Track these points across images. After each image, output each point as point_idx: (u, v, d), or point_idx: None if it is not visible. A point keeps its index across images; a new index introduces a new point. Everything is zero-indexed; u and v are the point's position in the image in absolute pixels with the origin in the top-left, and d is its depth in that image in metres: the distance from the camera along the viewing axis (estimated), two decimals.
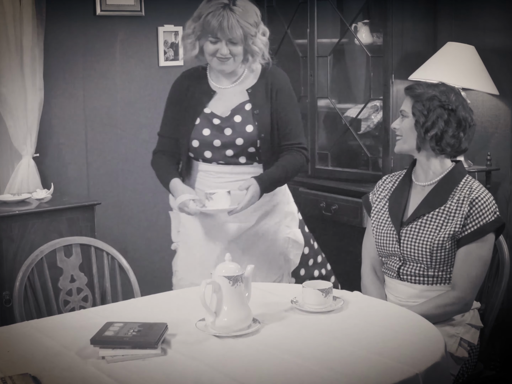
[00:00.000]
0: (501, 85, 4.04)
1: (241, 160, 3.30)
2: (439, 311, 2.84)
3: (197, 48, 3.25)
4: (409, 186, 3.02)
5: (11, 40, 4.21)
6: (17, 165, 4.36)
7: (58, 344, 2.38)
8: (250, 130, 3.27)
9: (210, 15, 3.16)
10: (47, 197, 4.16)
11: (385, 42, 4.19)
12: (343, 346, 2.34)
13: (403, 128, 2.93)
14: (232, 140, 3.27)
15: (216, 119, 3.30)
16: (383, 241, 3.01)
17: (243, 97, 3.32)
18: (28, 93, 4.30)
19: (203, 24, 3.18)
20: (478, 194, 2.86)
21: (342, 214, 4.35)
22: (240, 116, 3.29)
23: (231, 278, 2.44)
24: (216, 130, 3.28)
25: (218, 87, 3.35)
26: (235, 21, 3.16)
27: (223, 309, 2.44)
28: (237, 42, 3.20)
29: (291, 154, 3.32)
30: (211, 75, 3.38)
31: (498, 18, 4.11)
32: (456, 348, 2.85)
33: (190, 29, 3.24)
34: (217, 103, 3.33)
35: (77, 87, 4.62)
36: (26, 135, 4.32)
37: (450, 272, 2.90)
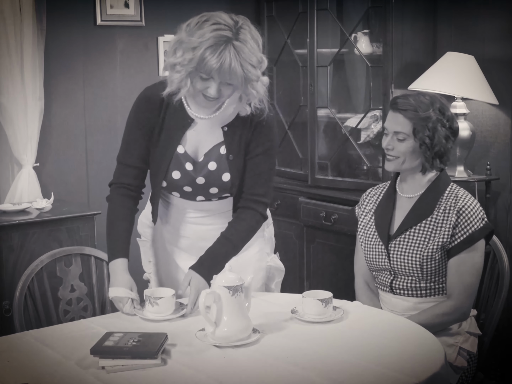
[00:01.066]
0: (500, 95, 4.05)
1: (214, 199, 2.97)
2: (437, 321, 2.84)
3: (188, 86, 2.71)
4: (394, 198, 3.00)
5: (12, 50, 4.22)
6: (17, 175, 4.37)
7: (58, 354, 2.38)
8: (227, 180, 2.89)
9: (209, 52, 2.62)
10: (47, 207, 4.16)
11: (385, 52, 4.20)
12: (343, 356, 2.34)
13: (403, 150, 2.87)
14: (206, 189, 2.91)
15: (188, 163, 2.88)
16: (372, 256, 3.00)
17: (218, 136, 2.89)
18: (28, 103, 4.31)
19: (199, 61, 2.64)
20: (465, 203, 2.85)
21: (342, 223, 4.35)
22: (215, 163, 2.88)
23: (231, 288, 2.44)
24: (188, 177, 2.88)
25: (196, 116, 2.87)
26: (238, 64, 2.65)
27: (223, 319, 2.44)
28: (232, 84, 2.72)
29: (244, 216, 2.92)
30: (189, 99, 2.87)
31: (497, 28, 4.12)
32: (455, 357, 2.85)
33: (179, 59, 2.69)
34: (192, 137, 2.89)
35: (77, 97, 4.63)
36: (26, 145, 4.32)
37: (443, 283, 2.90)
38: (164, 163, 2.88)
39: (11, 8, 4.18)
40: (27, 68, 4.27)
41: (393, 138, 2.90)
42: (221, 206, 2.98)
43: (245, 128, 2.89)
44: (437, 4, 4.37)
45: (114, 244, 2.90)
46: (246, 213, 2.92)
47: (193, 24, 2.70)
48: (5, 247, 3.93)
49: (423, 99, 2.87)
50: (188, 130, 2.88)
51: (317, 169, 4.64)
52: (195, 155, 2.89)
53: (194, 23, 2.70)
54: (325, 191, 4.55)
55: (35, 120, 4.34)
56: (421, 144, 2.85)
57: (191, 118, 2.87)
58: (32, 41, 4.26)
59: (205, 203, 2.95)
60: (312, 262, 4.61)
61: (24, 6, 4.21)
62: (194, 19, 2.72)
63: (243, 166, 2.91)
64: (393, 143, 2.89)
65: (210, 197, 2.94)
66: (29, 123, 4.32)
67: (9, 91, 4.26)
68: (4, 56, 4.22)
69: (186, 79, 2.70)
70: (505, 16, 4.07)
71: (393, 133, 2.89)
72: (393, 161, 2.92)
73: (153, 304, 2.66)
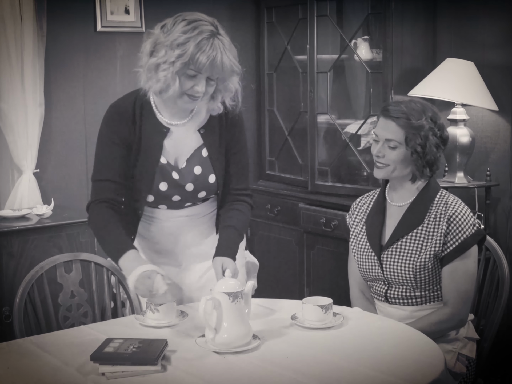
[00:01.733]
0: (500, 101, 4.05)
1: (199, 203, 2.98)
2: (434, 328, 2.83)
3: (177, 84, 2.66)
4: (384, 207, 2.99)
5: (12, 56, 4.23)
6: (18, 181, 4.37)
7: (58, 360, 2.38)
8: (213, 181, 2.89)
9: (197, 48, 2.62)
10: (48, 213, 4.16)
11: (385, 58, 4.21)
12: (343, 363, 2.34)
13: (393, 158, 2.85)
14: (194, 194, 2.90)
15: (174, 172, 2.85)
16: (365, 267, 2.99)
17: (197, 139, 2.87)
18: (29, 109, 4.32)
19: (190, 56, 2.62)
20: (455, 210, 2.84)
21: (342, 229, 4.34)
22: (200, 167, 2.87)
23: (231, 295, 2.44)
24: (176, 186, 2.86)
25: (170, 124, 2.85)
26: (226, 57, 2.66)
27: (223, 326, 2.44)
28: (213, 80, 2.71)
29: (238, 207, 2.95)
30: (159, 107, 2.85)
31: (497, 34, 4.12)
32: (454, 363, 2.85)
33: (163, 58, 2.65)
34: (170, 146, 2.85)
35: (77, 103, 4.63)
36: (27, 151, 4.33)
37: (437, 290, 2.89)
38: (148, 177, 2.85)
39: (12, 14, 4.18)
40: (28, 74, 4.28)
41: (384, 146, 2.87)
42: (205, 208, 2.99)
43: (221, 126, 2.90)
44: (437, 10, 4.38)
45: (116, 241, 2.77)
46: (240, 205, 2.96)
47: (170, 24, 2.69)
48: (5, 253, 3.93)
49: (415, 106, 2.85)
50: (165, 139, 2.85)
51: (317, 175, 4.64)
52: (177, 162, 2.87)
53: (171, 23, 2.70)
54: (325, 197, 4.55)
55: (35, 126, 4.35)
56: (413, 152, 2.83)
57: (166, 128, 2.85)
58: (32, 47, 4.27)
59: (191, 208, 2.96)
60: (312, 268, 4.61)
61: (25, 12, 4.22)
62: (169, 20, 2.73)
63: (225, 164, 2.92)
64: (384, 150, 2.87)
65: (197, 201, 2.95)
66: (29, 129, 4.33)
67: (9, 97, 4.27)
68: (4, 62, 4.22)
69: (174, 77, 2.66)
70: (505, 22, 4.08)
71: (385, 141, 2.86)
72: (383, 169, 2.89)
73: (153, 310, 2.67)
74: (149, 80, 2.73)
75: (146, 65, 2.73)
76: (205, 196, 2.93)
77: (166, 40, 2.66)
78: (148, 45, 2.73)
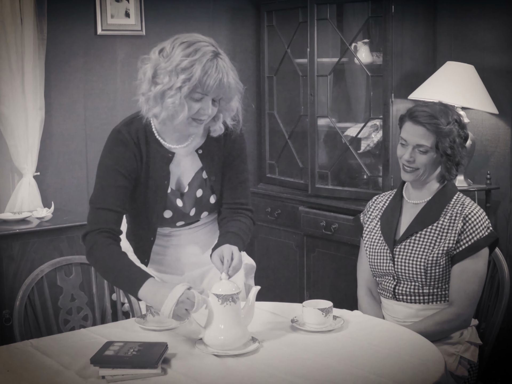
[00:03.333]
0: (500, 104, 4.06)
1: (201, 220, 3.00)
2: (438, 328, 2.85)
3: (186, 109, 2.60)
4: (401, 204, 3.03)
5: (13, 60, 4.23)
6: (18, 184, 4.37)
7: (58, 363, 2.38)
8: (213, 202, 2.92)
9: (203, 71, 2.57)
10: (48, 216, 4.16)
11: (385, 62, 4.21)
12: (343, 366, 2.34)
13: (425, 163, 2.89)
14: (197, 216, 2.92)
15: (178, 200, 2.86)
16: (377, 261, 3.01)
17: (196, 162, 2.86)
18: (29, 113, 4.32)
19: (199, 79, 2.57)
20: (471, 210, 2.88)
21: (343, 233, 4.35)
22: (201, 190, 2.88)
23: (220, 297, 2.46)
24: (180, 213, 2.87)
25: (174, 148, 2.82)
26: (231, 78, 2.63)
27: (219, 327, 2.46)
28: (218, 100, 2.67)
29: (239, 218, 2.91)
30: (161, 133, 2.81)
31: (497, 37, 4.12)
32: (456, 366, 2.85)
33: (169, 84, 2.60)
34: (174, 172, 2.84)
35: (78, 106, 4.63)
36: (27, 154, 4.33)
37: (446, 289, 2.91)
38: (159, 204, 2.84)
39: (12, 18, 4.18)
40: (28, 78, 4.28)
41: (414, 151, 2.90)
42: (206, 219, 3.00)
43: (219, 145, 2.87)
44: (437, 13, 4.38)
45: (131, 271, 2.62)
46: (241, 217, 2.92)
47: (169, 48, 2.64)
48: (5, 256, 3.93)
49: (440, 110, 2.90)
50: (170, 164, 2.83)
51: (317, 179, 4.65)
52: (180, 187, 2.87)
53: (169, 47, 2.64)
54: (325, 201, 4.55)
55: (35, 129, 4.35)
56: (442, 155, 2.89)
57: (171, 152, 2.82)
58: (33, 51, 4.27)
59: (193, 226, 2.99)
60: (313, 272, 4.61)
61: (25, 15, 4.22)
62: (166, 44, 2.67)
63: (221, 182, 2.90)
64: (415, 155, 2.91)
65: (199, 219, 2.97)
66: (29, 132, 4.33)
67: (9, 101, 4.26)
68: (4, 66, 4.22)
69: (182, 102, 2.60)
70: (505, 26, 4.08)
71: (415, 146, 2.90)
72: (413, 173, 2.93)
73: (154, 314, 2.67)
74: (153, 108, 2.67)
75: (151, 93, 2.64)
76: (207, 216, 2.97)
77: (168, 65, 2.60)
78: (148, 71, 2.66)
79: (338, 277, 4.43)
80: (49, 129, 4.50)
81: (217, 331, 2.46)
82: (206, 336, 2.48)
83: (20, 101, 4.28)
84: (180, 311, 2.46)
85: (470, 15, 4.24)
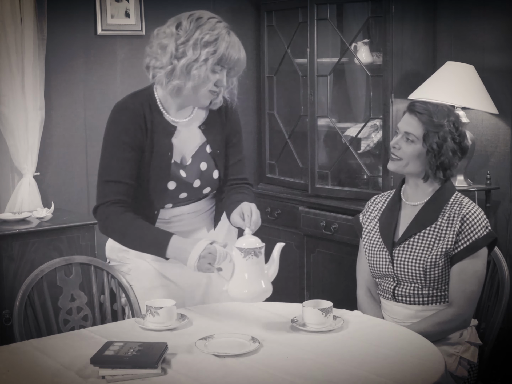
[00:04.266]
0: (500, 104, 4.06)
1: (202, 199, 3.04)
2: (438, 329, 2.85)
3: (212, 82, 2.74)
4: (399, 206, 3.03)
5: (13, 60, 4.23)
6: (18, 184, 4.37)
7: (58, 364, 2.38)
8: (216, 176, 2.97)
9: (227, 45, 2.72)
10: (48, 216, 4.16)
11: (385, 62, 4.21)
12: (343, 366, 2.34)
13: (408, 153, 2.90)
14: (200, 190, 2.95)
15: (182, 171, 2.89)
16: (376, 262, 3.01)
17: (200, 136, 2.93)
18: (29, 113, 4.32)
19: (221, 55, 2.70)
20: (469, 210, 2.88)
21: (343, 233, 4.35)
22: (206, 163, 2.93)
23: (242, 250, 2.53)
24: (183, 183, 2.89)
25: (176, 121, 2.89)
26: (244, 53, 2.80)
27: (240, 280, 2.55)
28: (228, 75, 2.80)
29: (242, 191, 3.00)
30: (165, 106, 2.89)
31: (497, 37, 4.12)
32: (455, 367, 2.85)
33: (194, 56, 2.70)
34: (177, 145, 2.89)
35: (78, 106, 4.63)
36: (27, 154, 4.33)
37: (445, 290, 2.91)
38: (162, 177, 2.87)
39: (12, 18, 4.19)
40: (28, 78, 4.28)
41: (402, 138, 2.93)
42: (206, 204, 3.04)
43: (221, 121, 2.97)
44: (437, 13, 4.38)
45: (153, 234, 2.74)
46: (244, 190, 3.01)
47: (186, 23, 2.73)
48: (5, 256, 3.93)
49: (441, 108, 2.92)
50: (173, 138, 2.88)
51: (317, 179, 4.65)
52: (183, 160, 2.91)
53: (186, 22, 2.74)
54: (325, 201, 4.55)
55: (35, 129, 4.35)
56: (428, 150, 2.88)
57: (173, 126, 2.88)
58: (33, 51, 4.27)
59: (194, 204, 2.99)
60: (312, 272, 4.61)
61: (25, 16, 4.22)
62: (183, 19, 2.75)
63: (225, 158, 2.99)
64: (401, 143, 2.92)
65: (201, 197, 2.99)
66: (29, 132, 4.33)
67: (9, 101, 4.27)
68: (4, 66, 4.23)
69: (207, 74, 2.72)
70: (505, 26, 4.08)
71: (404, 133, 2.92)
72: (396, 162, 2.95)
73: (153, 314, 2.67)
74: (175, 81, 2.74)
75: (172, 66, 2.73)
76: (209, 192, 2.99)
77: (189, 39, 2.71)
78: (170, 45, 2.73)
79: (338, 277, 4.43)
80: (49, 129, 4.50)
81: (240, 283, 2.54)
82: (229, 289, 2.57)
83: (20, 101, 4.28)
84: (203, 265, 2.61)
85: (470, 15, 4.24)
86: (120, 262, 3.06)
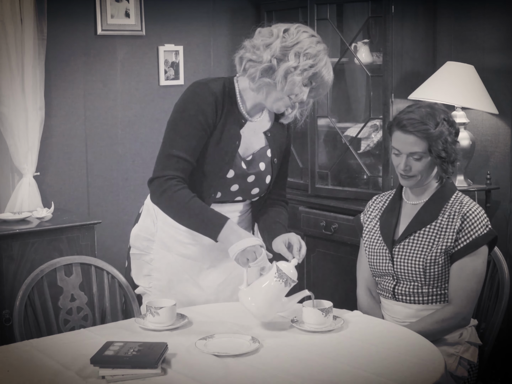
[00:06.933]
0: (500, 104, 4.06)
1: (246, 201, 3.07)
2: (437, 327, 2.84)
3: (298, 93, 2.78)
4: (400, 205, 3.03)
5: (13, 60, 4.23)
6: (18, 184, 4.37)
7: (58, 364, 2.38)
8: (268, 182, 3.01)
9: (324, 64, 2.79)
10: (48, 216, 4.16)
11: (385, 62, 4.21)
12: (343, 366, 2.34)
13: (421, 169, 2.88)
14: (249, 189, 2.97)
15: (243, 162, 2.93)
16: (376, 261, 3.01)
17: (262, 140, 2.98)
18: (29, 113, 4.32)
19: (318, 70, 2.77)
20: (469, 208, 2.88)
21: (343, 233, 4.35)
22: (264, 164, 2.97)
23: (279, 271, 2.64)
24: (240, 175, 2.92)
25: (247, 117, 2.93)
26: (332, 77, 2.86)
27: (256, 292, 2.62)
28: None
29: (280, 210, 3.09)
30: (244, 99, 2.92)
31: (497, 38, 4.12)
32: (455, 367, 2.85)
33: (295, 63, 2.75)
34: (243, 138, 2.93)
35: (78, 106, 4.63)
36: (27, 154, 4.33)
37: (445, 289, 2.91)
38: (226, 163, 2.89)
39: (12, 18, 4.19)
40: (28, 78, 4.28)
41: (408, 159, 2.89)
42: (245, 207, 3.07)
43: (283, 135, 3.04)
44: (437, 13, 4.38)
45: (209, 215, 2.78)
46: (281, 208, 3.10)
47: (294, 31, 2.79)
48: (5, 257, 3.93)
49: (426, 112, 2.86)
50: (241, 129, 2.92)
51: (317, 179, 4.65)
52: (244, 155, 2.95)
53: (294, 30, 2.80)
54: (325, 201, 4.55)
55: (35, 129, 4.35)
56: (437, 157, 2.87)
57: (245, 119, 2.92)
58: (33, 51, 4.27)
59: (236, 204, 3.02)
60: (313, 272, 4.61)
61: (25, 15, 4.22)
62: (289, 27, 2.81)
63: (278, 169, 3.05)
64: (410, 163, 2.89)
65: (246, 198, 3.02)
66: (29, 132, 4.33)
67: (9, 101, 4.27)
68: (4, 66, 4.23)
69: (300, 84, 2.76)
70: (505, 26, 4.08)
71: (408, 154, 2.88)
72: (411, 179, 2.92)
73: (154, 314, 2.67)
74: (266, 78, 2.78)
75: (274, 66, 2.76)
76: (256, 194, 3.01)
77: (293, 45, 2.76)
78: (276, 44, 2.77)
79: (338, 277, 4.43)
80: (49, 129, 4.50)
81: (255, 294, 2.60)
82: (243, 291, 2.62)
83: (20, 101, 4.29)
84: (242, 258, 2.69)
85: (470, 15, 4.24)
86: (144, 251, 3.05)
